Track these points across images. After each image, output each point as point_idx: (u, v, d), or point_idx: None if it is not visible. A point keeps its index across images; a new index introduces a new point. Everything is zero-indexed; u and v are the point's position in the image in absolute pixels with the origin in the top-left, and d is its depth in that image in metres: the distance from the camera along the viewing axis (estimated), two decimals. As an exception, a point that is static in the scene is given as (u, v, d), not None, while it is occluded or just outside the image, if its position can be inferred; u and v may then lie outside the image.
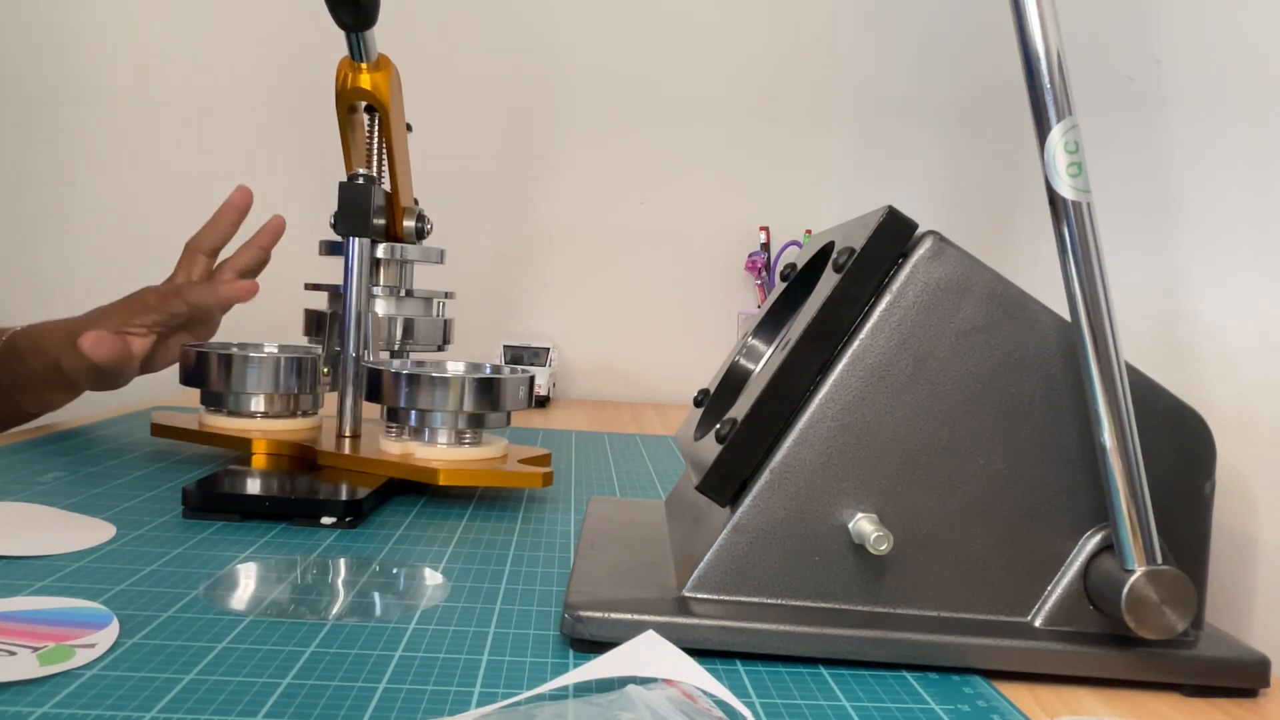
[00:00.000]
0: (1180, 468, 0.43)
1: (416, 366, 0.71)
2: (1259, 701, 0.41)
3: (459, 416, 0.66)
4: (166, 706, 0.34)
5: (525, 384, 0.68)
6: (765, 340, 0.56)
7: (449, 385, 0.64)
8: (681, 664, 0.37)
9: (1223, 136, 0.62)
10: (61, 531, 0.53)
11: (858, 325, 0.43)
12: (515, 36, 1.38)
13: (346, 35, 0.72)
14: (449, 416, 0.65)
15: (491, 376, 0.66)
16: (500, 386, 0.66)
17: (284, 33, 1.34)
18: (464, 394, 0.65)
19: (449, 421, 0.66)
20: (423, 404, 0.65)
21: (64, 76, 1.36)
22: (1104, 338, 0.39)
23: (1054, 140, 0.38)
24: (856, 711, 0.37)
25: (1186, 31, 0.66)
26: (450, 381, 0.65)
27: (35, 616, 0.41)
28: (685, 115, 1.39)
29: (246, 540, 0.54)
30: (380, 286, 0.77)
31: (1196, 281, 0.64)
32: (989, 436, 0.43)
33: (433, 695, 0.36)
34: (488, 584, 0.50)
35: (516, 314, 1.41)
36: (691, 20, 1.39)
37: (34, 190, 1.37)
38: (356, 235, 0.73)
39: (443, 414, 0.65)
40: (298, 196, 1.34)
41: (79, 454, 0.74)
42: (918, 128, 1.29)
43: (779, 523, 0.43)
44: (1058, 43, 0.38)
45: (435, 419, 0.66)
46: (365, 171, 0.76)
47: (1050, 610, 0.42)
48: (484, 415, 0.66)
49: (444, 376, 0.65)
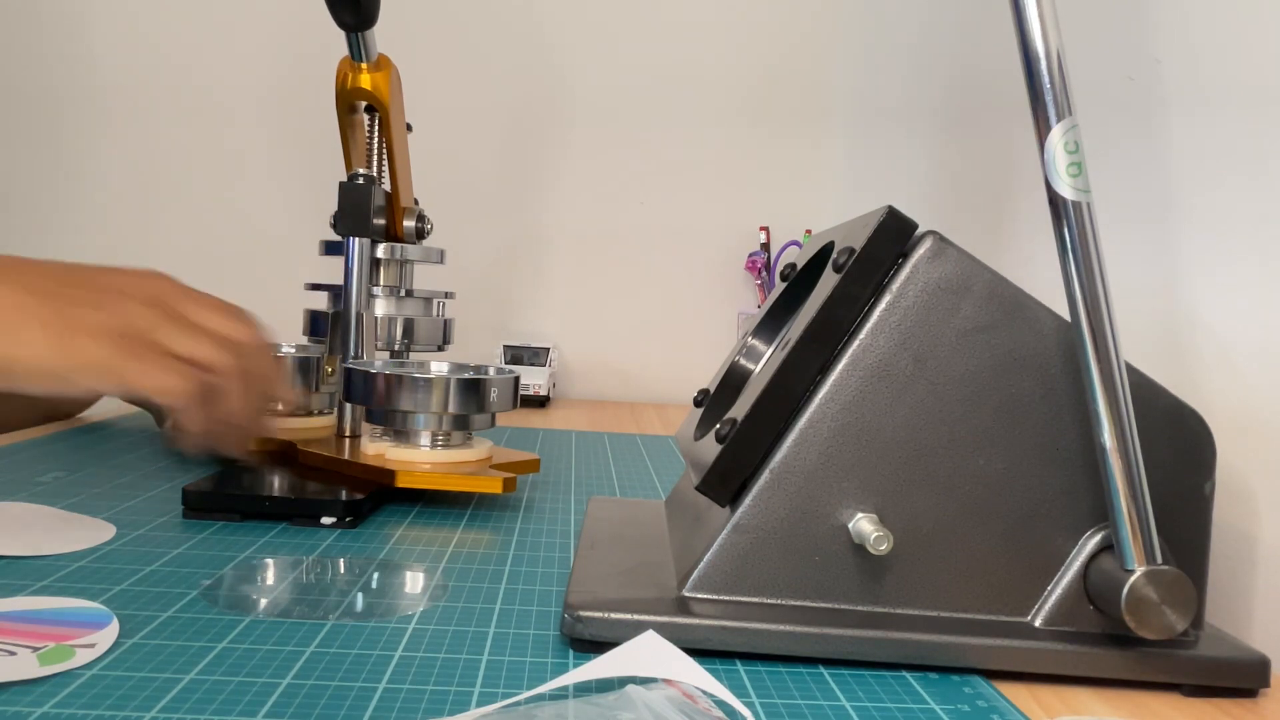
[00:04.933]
0: (1180, 468, 0.43)
1: (396, 367, 0.69)
2: (1259, 701, 0.41)
3: (442, 418, 0.65)
4: (166, 706, 0.34)
5: (510, 385, 0.66)
6: (765, 340, 0.56)
7: (430, 386, 0.63)
8: (681, 664, 0.37)
9: (1222, 136, 0.62)
10: (61, 531, 0.53)
11: (858, 325, 0.43)
12: (516, 37, 1.38)
13: (347, 35, 0.72)
14: (430, 419, 0.64)
15: (474, 378, 0.65)
16: (483, 388, 0.65)
17: (284, 33, 1.34)
18: (446, 395, 0.63)
19: (430, 423, 0.65)
20: (399, 405, 0.63)
21: (63, 76, 1.36)
22: (1104, 338, 0.39)
23: (1054, 140, 0.38)
24: (856, 711, 0.37)
25: (1186, 31, 0.66)
26: (433, 382, 0.63)
27: (35, 616, 0.41)
28: (686, 115, 1.39)
29: (246, 540, 0.54)
30: (380, 286, 0.77)
31: (1196, 281, 0.63)
32: (989, 436, 0.43)
33: (433, 695, 0.36)
34: (488, 584, 0.50)
35: (516, 314, 1.41)
36: (692, 20, 1.39)
37: (32, 190, 1.37)
38: (356, 235, 0.73)
39: (424, 415, 0.64)
40: (298, 196, 1.34)
41: (79, 454, 0.74)
42: (918, 128, 1.29)
43: (779, 523, 0.43)
44: (1058, 43, 0.38)
45: (417, 420, 0.65)
46: (365, 171, 0.76)
47: (1050, 610, 0.42)
48: (468, 417, 0.65)
49: (424, 378, 0.64)
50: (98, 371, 0.48)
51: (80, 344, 0.48)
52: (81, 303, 0.50)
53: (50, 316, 0.48)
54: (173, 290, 0.54)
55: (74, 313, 0.49)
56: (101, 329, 0.49)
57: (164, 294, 0.53)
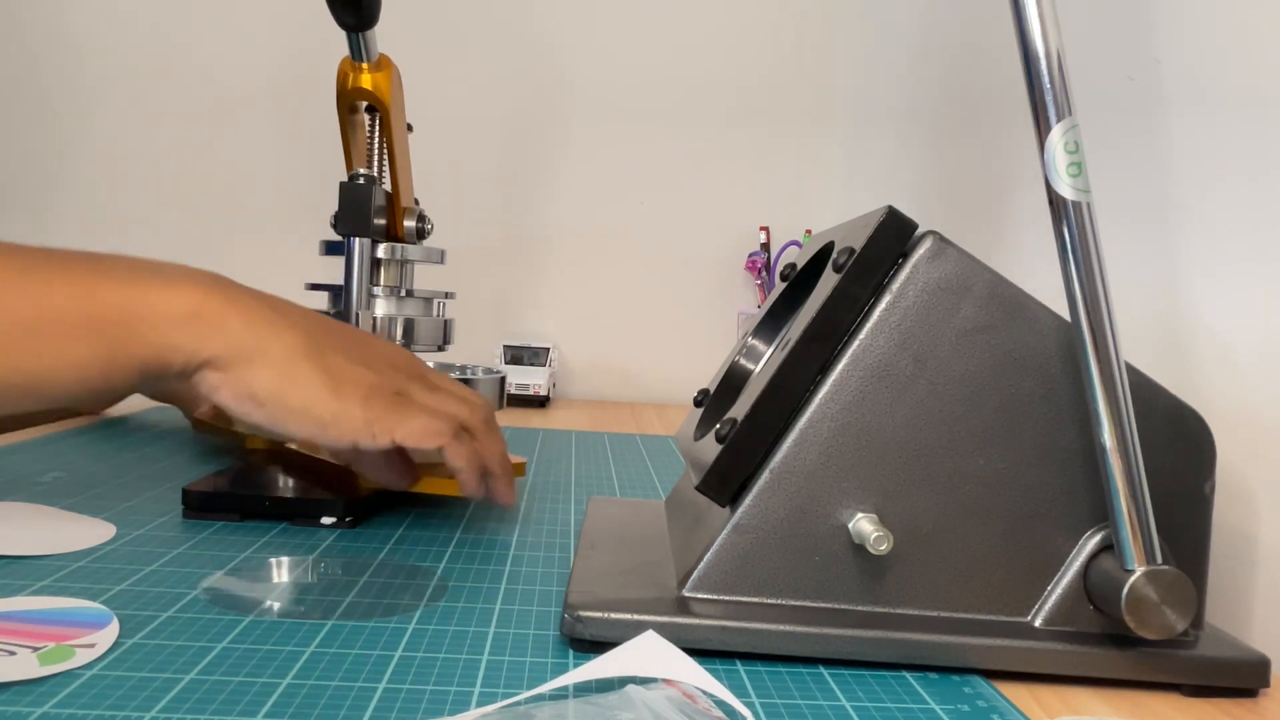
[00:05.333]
0: (1180, 468, 0.43)
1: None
2: (1259, 701, 0.41)
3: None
4: (166, 706, 0.34)
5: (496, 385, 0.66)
6: (765, 340, 0.56)
7: None
8: (681, 664, 0.37)
9: (1222, 136, 0.62)
10: (61, 531, 0.53)
11: (858, 325, 0.43)
12: (516, 37, 1.39)
13: (348, 35, 0.72)
14: None
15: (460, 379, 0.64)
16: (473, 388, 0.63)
17: (284, 33, 1.34)
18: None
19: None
20: None
21: (62, 76, 1.36)
22: (1104, 338, 0.39)
23: (1054, 140, 0.38)
24: (856, 711, 0.37)
25: (1186, 31, 0.66)
26: None
27: (35, 616, 0.41)
28: (686, 115, 1.39)
29: (246, 540, 0.54)
30: (380, 286, 0.77)
31: (1196, 281, 0.63)
32: (989, 436, 0.43)
33: (433, 695, 0.36)
34: (488, 584, 0.50)
35: (516, 314, 1.41)
36: (692, 20, 1.39)
37: (31, 191, 1.37)
38: (357, 235, 0.73)
39: None
40: (298, 196, 1.34)
41: (79, 454, 0.74)
42: (918, 128, 1.29)
43: (779, 523, 0.43)
44: (1058, 43, 0.38)
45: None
46: (366, 171, 0.76)
47: (1050, 610, 0.42)
48: None
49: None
50: (361, 426, 0.49)
51: (348, 397, 0.49)
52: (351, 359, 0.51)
53: (324, 367, 0.49)
54: (414, 359, 0.57)
55: (344, 367, 0.50)
56: (365, 384, 0.50)
57: (409, 359, 0.56)
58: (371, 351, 0.53)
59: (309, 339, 0.49)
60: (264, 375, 0.47)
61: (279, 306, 0.50)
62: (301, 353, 0.48)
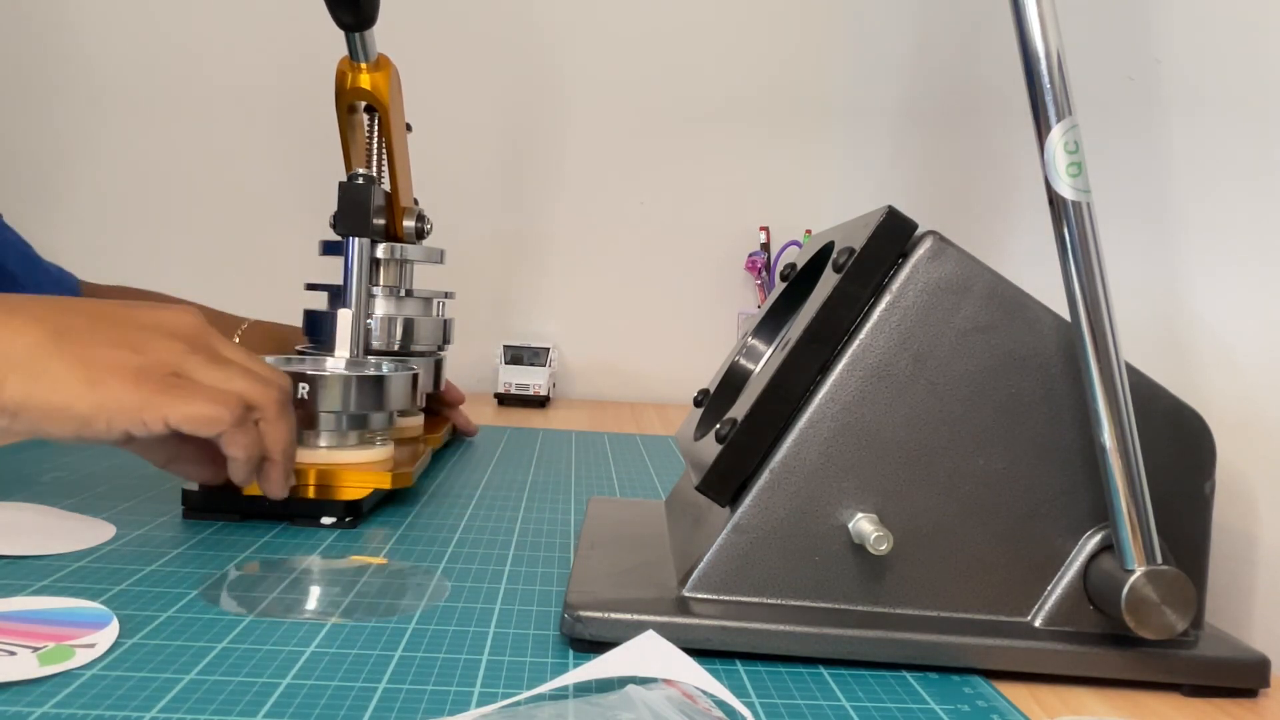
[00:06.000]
0: (1180, 468, 0.43)
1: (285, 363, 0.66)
2: (1259, 701, 0.41)
3: (341, 418, 0.62)
4: (166, 706, 0.34)
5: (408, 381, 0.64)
6: (765, 340, 0.56)
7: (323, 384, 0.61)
8: (681, 664, 0.37)
9: (1223, 137, 0.62)
10: (61, 531, 0.53)
11: (858, 325, 0.43)
12: (516, 37, 1.39)
13: (346, 35, 0.72)
14: (327, 418, 0.62)
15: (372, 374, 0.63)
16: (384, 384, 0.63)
17: (283, 33, 1.34)
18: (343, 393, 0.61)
19: (327, 423, 0.62)
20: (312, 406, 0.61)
21: (61, 76, 1.36)
22: (1104, 338, 0.39)
23: (1054, 140, 0.38)
24: (856, 711, 0.37)
25: (1186, 31, 0.66)
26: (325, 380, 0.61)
27: (35, 616, 0.41)
28: (685, 115, 1.39)
29: (246, 540, 0.54)
30: (380, 286, 0.77)
31: (1196, 281, 0.63)
32: (989, 436, 0.43)
33: (433, 695, 0.36)
34: (488, 584, 0.50)
35: (516, 314, 1.41)
36: (692, 20, 1.39)
37: (29, 191, 1.37)
38: (356, 235, 0.73)
39: (323, 415, 0.62)
40: (298, 196, 1.34)
41: (79, 454, 0.74)
42: (918, 128, 1.29)
43: (779, 523, 0.43)
44: (1058, 43, 0.38)
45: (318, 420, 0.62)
46: (365, 171, 0.75)
47: (1050, 610, 0.42)
48: (366, 416, 0.63)
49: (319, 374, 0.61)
50: (128, 413, 0.46)
51: (108, 385, 0.46)
52: (108, 342, 0.47)
53: (76, 357, 0.46)
54: (200, 326, 0.52)
55: (100, 352, 0.47)
56: (129, 367, 0.47)
57: (192, 329, 0.51)
58: (138, 329, 0.49)
59: (54, 332, 0.46)
60: (9, 382, 0.44)
61: (11, 304, 0.47)
62: (48, 348, 0.45)
